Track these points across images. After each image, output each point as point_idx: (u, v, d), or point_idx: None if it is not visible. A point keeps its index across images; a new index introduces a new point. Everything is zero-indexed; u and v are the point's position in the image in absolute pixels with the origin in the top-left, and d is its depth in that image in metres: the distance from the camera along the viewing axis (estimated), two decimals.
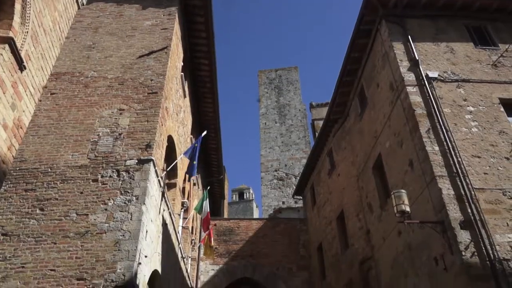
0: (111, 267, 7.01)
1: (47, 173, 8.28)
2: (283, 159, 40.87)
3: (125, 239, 7.31)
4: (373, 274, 10.72)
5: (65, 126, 8.98)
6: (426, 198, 7.89)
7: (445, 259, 7.14)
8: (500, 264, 6.66)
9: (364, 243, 11.26)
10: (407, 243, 8.73)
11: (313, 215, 16.93)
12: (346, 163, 13.09)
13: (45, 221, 7.62)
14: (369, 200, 11.08)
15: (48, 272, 7.04)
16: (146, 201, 7.91)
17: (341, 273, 13.01)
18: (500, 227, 7.06)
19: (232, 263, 16.36)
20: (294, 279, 16.05)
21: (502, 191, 7.47)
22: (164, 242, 9.79)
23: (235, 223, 17.89)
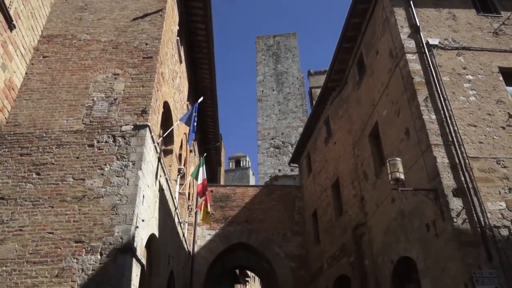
0: (109, 231, 7.12)
1: (42, 138, 8.24)
2: (280, 127, 40.87)
3: (122, 203, 7.39)
4: (365, 240, 10.98)
5: (59, 91, 8.85)
6: (420, 166, 7.96)
7: (437, 226, 7.29)
8: (491, 231, 6.81)
9: (358, 209, 11.45)
10: (400, 210, 8.88)
11: (308, 183, 17.12)
12: (343, 132, 13.10)
13: (42, 185, 7.66)
14: (365, 168, 11.18)
15: (46, 235, 7.14)
16: (143, 166, 7.93)
17: (334, 238, 13.31)
18: (492, 195, 7.17)
19: (228, 229, 16.68)
20: (288, 244, 16.44)
21: (496, 160, 7.53)
22: (161, 207, 9.91)
23: (232, 189, 18.09)
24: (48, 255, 6.93)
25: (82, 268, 6.79)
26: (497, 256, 6.60)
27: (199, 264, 15.87)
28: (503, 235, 6.80)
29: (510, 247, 6.69)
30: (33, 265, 6.84)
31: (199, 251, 16.14)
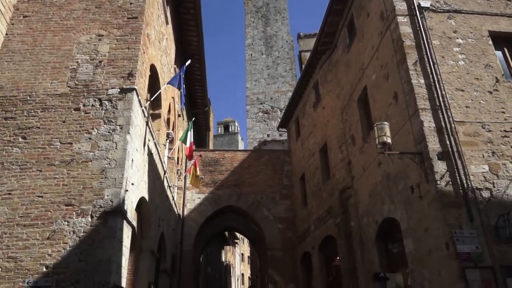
0: (99, 194, 7.16)
1: (26, 101, 8.07)
2: (269, 92, 40.60)
3: (111, 167, 7.39)
4: (351, 202, 11.26)
5: (41, 52, 8.58)
6: (407, 130, 8.06)
7: (421, 188, 7.50)
8: (473, 193, 7.03)
9: (345, 173, 11.66)
10: (386, 173, 9.07)
11: (297, 147, 17.26)
12: (332, 96, 13.09)
13: (29, 149, 7.58)
14: (352, 133, 11.28)
15: (36, 198, 7.16)
16: (131, 130, 7.88)
17: (322, 201, 13.62)
18: (476, 159, 7.34)
19: (217, 192, 16.90)
20: (277, 207, 16.79)
21: (481, 124, 7.66)
22: (150, 171, 9.95)
23: (220, 154, 18.17)
24: (39, 218, 6.98)
25: (73, 230, 6.87)
26: (478, 217, 6.85)
27: (189, 226, 16.17)
28: (484, 197, 7.03)
29: (490, 208, 6.94)
30: (23, 227, 6.89)
31: (189, 214, 16.39)
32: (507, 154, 7.44)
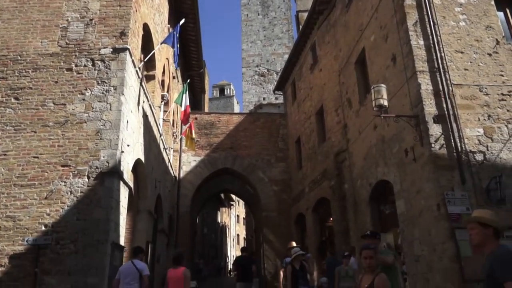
0: (95, 155, 7.16)
1: (17, 60, 7.89)
2: (265, 54, 39.91)
3: (106, 128, 7.34)
4: (346, 165, 11.38)
5: (30, 10, 8.28)
6: (404, 93, 8.01)
7: (415, 151, 7.56)
8: (466, 155, 7.10)
9: (341, 136, 11.70)
10: (381, 136, 9.11)
11: (293, 110, 17.20)
12: (329, 58, 12.89)
13: (22, 110, 7.49)
14: (349, 96, 11.21)
15: (32, 159, 7.15)
16: (125, 91, 7.77)
17: (316, 163, 13.75)
18: (471, 122, 7.36)
19: (213, 155, 16.98)
20: (272, 170, 16.96)
21: (479, 87, 7.61)
22: (146, 133, 9.92)
23: (216, 117, 18.10)
24: (35, 178, 7.01)
25: (70, 190, 6.93)
26: (470, 179, 6.96)
27: (185, 188, 16.38)
28: (477, 160, 7.11)
29: (483, 171, 7.04)
30: (21, 188, 6.93)
31: (185, 176, 16.55)
32: (503, 117, 7.45)
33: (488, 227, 2.62)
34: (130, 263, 6.20)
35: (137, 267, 6.03)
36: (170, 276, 5.80)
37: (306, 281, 6.75)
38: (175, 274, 5.72)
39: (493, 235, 2.62)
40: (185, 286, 5.61)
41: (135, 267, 6.03)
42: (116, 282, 6.01)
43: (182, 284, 5.61)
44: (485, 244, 2.62)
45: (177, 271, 5.76)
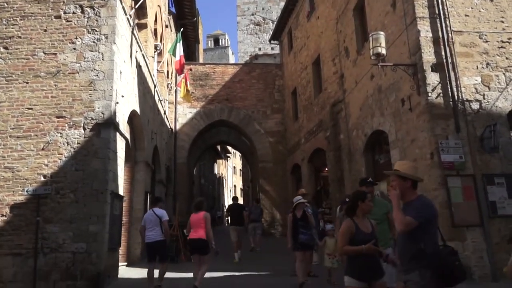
0: (89, 106, 7.10)
1: (4, 8, 7.58)
2: (261, 2, 38.46)
3: (100, 79, 7.22)
4: (342, 116, 11.39)
5: None
6: (403, 41, 7.85)
7: (411, 100, 7.54)
8: (462, 104, 7.11)
9: (337, 87, 11.60)
10: (378, 86, 9.04)
11: (289, 61, 16.90)
12: (327, 5, 12.46)
13: (12, 60, 7.31)
14: (347, 44, 10.97)
15: (26, 110, 7.09)
16: (117, 40, 7.55)
17: (312, 115, 13.75)
18: (469, 70, 7.29)
19: (208, 107, 16.89)
20: (268, 121, 16.98)
21: (479, 34, 7.46)
22: (140, 84, 9.78)
23: (211, 68, 17.79)
24: (31, 129, 6.99)
25: (67, 141, 6.93)
26: (465, 128, 7.01)
27: (181, 140, 16.45)
28: (473, 109, 7.13)
29: (478, 120, 7.08)
30: (17, 139, 6.93)
31: (181, 128, 16.56)
32: (501, 65, 7.38)
33: (407, 180, 2.83)
34: (151, 211, 6.82)
35: (157, 214, 6.68)
36: (192, 219, 6.47)
37: (308, 229, 6.53)
38: (197, 217, 6.39)
39: (411, 187, 2.84)
40: (205, 226, 6.29)
41: (155, 214, 6.66)
42: (143, 228, 6.73)
43: (203, 224, 6.30)
44: (404, 194, 2.83)
45: (198, 214, 6.41)
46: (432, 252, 2.63)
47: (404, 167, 2.94)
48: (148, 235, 6.57)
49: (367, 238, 3.19)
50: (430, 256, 2.62)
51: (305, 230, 6.44)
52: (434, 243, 2.71)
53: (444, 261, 2.61)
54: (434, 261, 2.60)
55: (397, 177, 2.88)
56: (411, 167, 2.96)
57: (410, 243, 2.74)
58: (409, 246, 2.74)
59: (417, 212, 2.71)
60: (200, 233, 6.24)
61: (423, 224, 2.69)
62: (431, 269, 2.60)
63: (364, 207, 3.37)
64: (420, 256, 2.65)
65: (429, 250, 2.64)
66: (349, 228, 3.26)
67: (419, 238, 2.69)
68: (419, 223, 2.68)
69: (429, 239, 2.69)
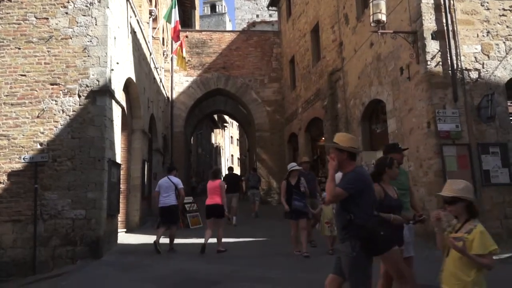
0: (83, 73, 6.99)
1: None
2: None
3: (93, 45, 7.07)
4: (340, 84, 11.30)
5: None
6: (404, 7, 7.68)
7: (410, 69, 7.46)
8: (461, 73, 7.04)
9: (336, 55, 11.44)
10: (377, 54, 8.92)
11: (287, 28, 16.56)
12: None
13: (3, 25, 7.12)
14: (346, 11, 10.73)
15: (19, 77, 6.98)
16: (110, 4, 7.34)
17: (310, 83, 13.63)
18: (469, 38, 7.17)
19: (205, 75, 16.69)
20: (265, 90, 16.84)
21: (481, 2, 7.29)
22: (135, 51, 9.60)
23: (208, 35, 17.44)
24: (25, 97, 6.91)
25: (62, 109, 6.87)
26: (462, 97, 6.98)
27: (178, 109, 16.35)
28: (472, 78, 7.07)
29: (476, 89, 7.04)
30: (11, 107, 6.86)
31: (177, 97, 16.42)
32: (502, 34, 7.26)
33: (344, 151, 2.90)
34: (166, 178, 7.46)
35: (172, 181, 7.34)
36: (209, 186, 7.19)
37: (302, 197, 6.46)
38: (213, 184, 7.11)
39: (348, 158, 2.90)
40: (221, 193, 7.00)
41: (171, 181, 7.32)
42: (157, 194, 7.36)
43: (219, 191, 7.00)
44: (342, 166, 2.90)
45: (214, 182, 7.14)
46: (361, 223, 2.69)
47: (342, 139, 2.98)
48: (163, 200, 7.15)
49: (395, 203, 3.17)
50: (359, 227, 2.68)
51: (299, 197, 6.40)
52: (365, 214, 2.75)
53: (369, 232, 2.67)
54: (361, 232, 2.67)
55: (335, 149, 2.93)
56: (349, 139, 3.00)
57: (342, 213, 2.83)
58: (342, 216, 2.83)
59: (348, 184, 2.79)
60: (216, 199, 6.90)
61: (354, 195, 2.76)
62: (360, 240, 2.67)
63: (391, 174, 3.35)
64: (350, 226, 2.73)
65: (358, 221, 2.71)
66: (378, 192, 3.15)
67: (349, 209, 2.76)
68: (349, 194, 2.76)
69: (360, 210, 2.73)
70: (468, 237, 2.22)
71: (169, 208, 7.14)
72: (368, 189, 2.87)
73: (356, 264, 2.65)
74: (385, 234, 2.72)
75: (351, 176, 2.85)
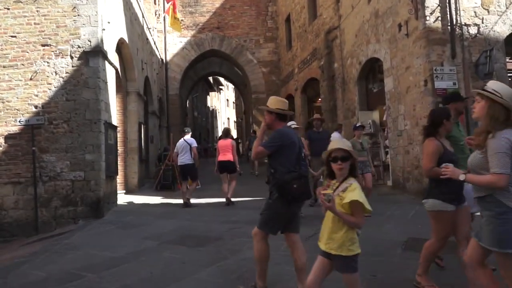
0: (74, 33, 6.82)
1: None
2: None
3: (83, 3, 6.85)
4: (337, 43, 11.11)
5: None
6: None
7: (409, 25, 7.33)
8: (460, 29, 6.93)
9: (333, 12, 11.17)
10: (375, 10, 8.72)
11: None
12: None
13: None
14: None
15: (10, 38, 6.81)
16: None
17: (307, 43, 13.40)
18: None
19: (199, 35, 16.32)
20: (261, 50, 16.55)
21: None
22: (126, 10, 9.31)
23: None
24: (17, 59, 6.78)
25: (55, 71, 6.76)
26: (460, 53, 6.91)
27: (173, 71, 16.11)
28: (471, 33, 6.97)
29: (475, 45, 6.96)
30: (3, 69, 6.74)
31: (172, 58, 16.13)
32: None
33: (273, 113, 3.12)
34: (182, 139, 8.07)
35: (187, 142, 7.94)
36: (220, 144, 7.77)
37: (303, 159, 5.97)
38: (225, 142, 7.67)
39: (277, 119, 3.12)
40: (232, 150, 7.58)
41: (186, 142, 7.93)
42: (176, 154, 8.04)
43: (231, 149, 7.56)
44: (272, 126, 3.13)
45: (226, 141, 7.72)
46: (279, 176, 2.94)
47: (271, 102, 3.20)
48: (180, 159, 7.85)
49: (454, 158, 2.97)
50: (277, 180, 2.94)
51: None
52: (285, 168, 2.96)
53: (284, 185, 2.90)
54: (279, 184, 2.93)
55: (267, 111, 3.15)
56: (278, 101, 3.18)
57: (268, 168, 3.12)
58: (268, 170, 3.13)
59: (269, 143, 3.06)
60: (228, 156, 7.50)
61: (275, 152, 3.01)
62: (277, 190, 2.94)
63: (448, 126, 3.10)
64: (273, 179, 3.02)
65: (277, 175, 2.96)
66: (438, 148, 2.95)
67: (272, 164, 3.05)
68: (270, 152, 3.02)
69: (280, 166, 2.96)
70: (343, 195, 2.20)
71: (186, 166, 7.82)
72: (289, 146, 3.03)
73: (270, 208, 2.97)
74: (297, 187, 2.89)
75: (273, 135, 3.09)
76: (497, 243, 2.07)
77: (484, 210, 2.18)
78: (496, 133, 2.08)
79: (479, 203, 2.24)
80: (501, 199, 2.07)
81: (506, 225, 2.05)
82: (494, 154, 2.06)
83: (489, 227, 2.11)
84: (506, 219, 2.05)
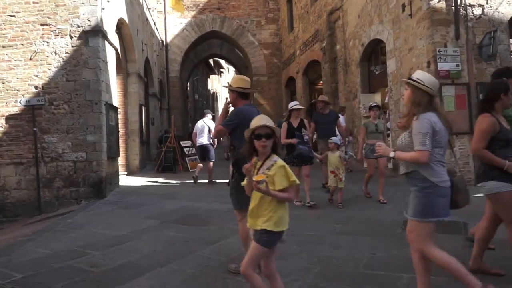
0: (74, 12, 6.74)
1: None
2: None
3: None
4: (339, 24, 10.97)
5: None
6: None
7: (413, 5, 7.22)
8: (465, 9, 6.83)
9: None
10: None
11: None
12: None
13: None
14: None
15: (8, 18, 6.74)
16: None
17: (309, 24, 13.23)
18: None
19: (200, 16, 16.10)
20: (262, 32, 16.36)
21: None
22: None
23: None
24: (16, 39, 6.72)
25: (54, 51, 6.71)
26: (464, 35, 6.83)
27: (173, 52, 15.96)
28: (475, 14, 6.87)
29: (479, 26, 6.87)
30: (3, 49, 6.69)
31: (172, 40, 15.96)
32: None
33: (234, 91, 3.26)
34: (201, 121, 8.58)
35: (206, 123, 8.43)
36: None
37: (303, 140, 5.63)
38: None
39: (239, 97, 3.26)
40: None
41: (204, 123, 8.43)
42: (194, 135, 8.59)
43: None
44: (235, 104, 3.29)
45: None
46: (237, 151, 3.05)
47: (233, 81, 3.32)
48: (198, 140, 8.36)
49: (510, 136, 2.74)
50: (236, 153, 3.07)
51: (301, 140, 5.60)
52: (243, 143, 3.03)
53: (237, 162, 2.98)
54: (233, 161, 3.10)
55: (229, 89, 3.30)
56: (239, 80, 3.31)
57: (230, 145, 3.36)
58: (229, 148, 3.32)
59: (227, 121, 3.22)
60: None
61: (234, 130, 3.15)
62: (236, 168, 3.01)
63: (506, 101, 2.81)
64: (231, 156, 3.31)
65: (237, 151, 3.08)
66: (493, 125, 2.71)
67: (232, 140, 3.26)
68: (229, 130, 3.18)
69: (239, 143, 3.01)
70: (269, 173, 2.19)
71: (203, 146, 8.31)
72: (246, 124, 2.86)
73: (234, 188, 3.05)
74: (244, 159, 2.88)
75: (231, 113, 3.26)
76: (420, 213, 2.31)
77: (411, 185, 2.40)
78: (420, 116, 2.32)
79: (407, 179, 2.44)
80: (425, 175, 2.31)
81: (429, 197, 2.30)
82: (417, 134, 2.30)
83: (414, 200, 2.36)
84: (430, 192, 2.30)
